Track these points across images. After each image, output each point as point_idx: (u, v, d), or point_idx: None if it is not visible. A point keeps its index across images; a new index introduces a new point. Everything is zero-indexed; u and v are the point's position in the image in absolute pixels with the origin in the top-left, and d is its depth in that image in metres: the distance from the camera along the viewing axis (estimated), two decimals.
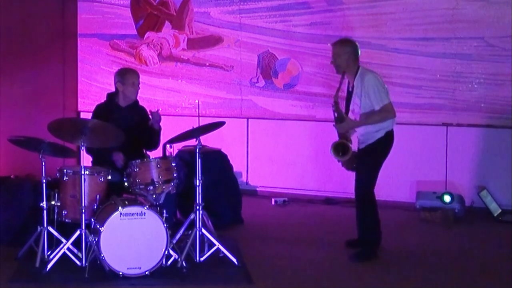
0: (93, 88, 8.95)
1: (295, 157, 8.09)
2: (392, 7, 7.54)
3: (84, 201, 5.12)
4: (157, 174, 5.33)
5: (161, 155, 5.74)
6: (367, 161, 5.61)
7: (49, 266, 5.03)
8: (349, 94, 5.66)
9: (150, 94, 8.40)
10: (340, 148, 5.64)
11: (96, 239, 4.94)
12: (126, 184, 5.38)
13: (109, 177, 5.35)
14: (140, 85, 5.98)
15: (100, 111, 5.88)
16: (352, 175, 5.97)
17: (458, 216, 6.92)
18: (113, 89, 6.00)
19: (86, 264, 5.01)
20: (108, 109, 5.87)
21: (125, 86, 5.87)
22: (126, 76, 5.89)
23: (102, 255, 4.91)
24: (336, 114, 5.67)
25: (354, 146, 5.75)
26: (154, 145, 5.94)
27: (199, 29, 8.50)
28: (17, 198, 5.87)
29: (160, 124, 5.86)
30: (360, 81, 5.54)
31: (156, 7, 8.71)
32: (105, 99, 6.04)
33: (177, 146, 6.37)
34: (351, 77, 5.62)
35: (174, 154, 5.67)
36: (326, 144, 7.82)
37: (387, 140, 5.59)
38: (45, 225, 5.22)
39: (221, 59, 8.39)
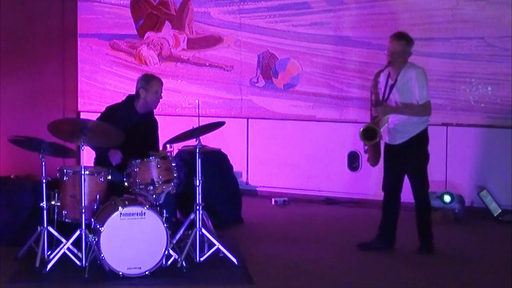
0: (93, 88, 8.95)
1: (295, 157, 8.09)
2: (392, 7, 7.54)
3: (84, 201, 5.12)
4: (157, 174, 5.33)
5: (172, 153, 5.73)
6: (416, 155, 5.64)
7: (49, 266, 5.03)
8: (391, 86, 5.63)
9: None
10: (370, 132, 5.60)
11: (96, 239, 4.94)
12: (126, 184, 5.38)
13: (109, 177, 5.35)
14: (162, 95, 5.88)
15: (112, 113, 5.76)
16: (352, 175, 5.98)
17: (458, 216, 6.92)
18: (114, 89, 5.98)
19: (86, 264, 5.01)
20: (123, 112, 5.77)
21: (147, 94, 5.76)
22: (150, 83, 5.78)
23: (102, 255, 4.91)
24: (372, 97, 5.65)
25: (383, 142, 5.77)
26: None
27: (199, 29, 8.50)
28: (17, 198, 5.87)
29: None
30: (407, 75, 5.55)
31: (156, 7, 8.71)
32: (123, 100, 5.94)
33: (177, 146, 6.37)
34: (397, 70, 5.61)
35: (174, 154, 5.67)
36: (326, 144, 7.89)
37: (422, 137, 5.64)
38: (45, 225, 5.21)
39: (221, 59, 8.39)
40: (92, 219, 5.14)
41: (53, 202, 5.23)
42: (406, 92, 5.57)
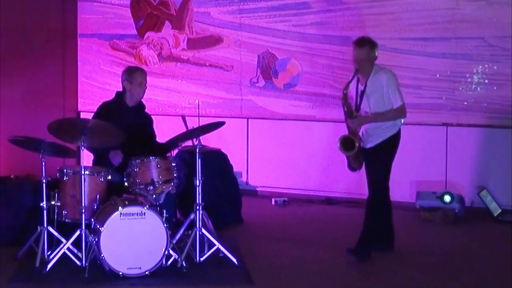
0: (93, 88, 8.95)
1: (295, 157, 8.09)
2: (392, 7, 7.54)
3: (84, 201, 5.11)
4: (157, 174, 5.33)
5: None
6: (381, 159, 5.58)
7: (49, 266, 5.03)
8: (361, 93, 5.61)
9: (150, 94, 8.28)
10: (348, 143, 5.57)
11: (96, 239, 4.94)
12: (126, 184, 5.38)
13: (109, 177, 5.35)
14: (147, 85, 5.94)
15: (106, 109, 5.80)
16: (352, 175, 5.98)
17: (458, 216, 6.92)
18: (113, 89, 5.99)
19: (86, 264, 5.01)
20: (115, 107, 5.81)
21: (132, 85, 5.81)
22: (133, 75, 5.83)
23: (102, 255, 4.91)
24: (345, 108, 5.61)
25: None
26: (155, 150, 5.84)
27: (199, 29, 8.50)
28: (17, 198, 5.87)
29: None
30: (375, 80, 5.52)
31: (156, 7, 8.71)
32: (112, 97, 5.97)
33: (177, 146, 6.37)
34: (365, 76, 5.57)
35: (174, 154, 5.67)
36: (326, 144, 7.89)
37: (398, 137, 5.61)
38: (45, 225, 5.22)
39: (221, 59, 8.39)
40: (92, 219, 5.14)
41: (53, 202, 5.23)
42: (377, 97, 5.52)
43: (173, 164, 5.45)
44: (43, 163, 5.22)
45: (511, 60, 7.05)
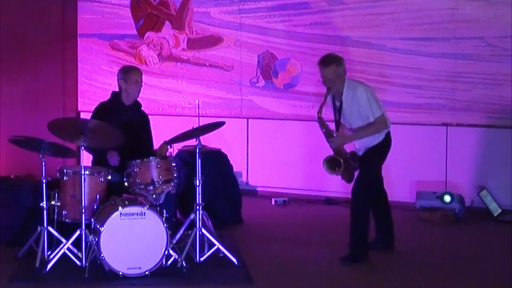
0: (93, 88, 8.95)
1: (296, 157, 8.09)
2: (392, 7, 7.54)
3: (84, 201, 5.11)
4: (157, 174, 5.33)
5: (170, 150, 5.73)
6: (367, 160, 5.57)
7: (49, 266, 5.03)
8: (338, 110, 5.54)
9: (150, 94, 8.39)
10: (333, 163, 5.53)
11: (96, 239, 4.94)
12: (126, 184, 5.38)
13: (109, 177, 5.35)
14: (143, 83, 5.95)
15: (102, 109, 5.83)
16: None
17: (458, 216, 6.92)
18: (113, 89, 5.99)
19: (86, 264, 5.01)
20: (111, 107, 5.82)
21: (128, 84, 5.83)
22: (129, 73, 5.84)
23: (102, 255, 4.91)
24: (323, 130, 5.57)
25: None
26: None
27: (199, 29, 8.50)
28: (17, 198, 5.87)
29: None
30: (349, 96, 5.45)
31: (156, 7, 8.71)
32: (108, 97, 5.99)
33: (177, 146, 6.37)
34: (338, 92, 5.50)
35: (174, 154, 5.66)
36: (326, 144, 7.85)
37: (385, 142, 5.58)
38: (45, 225, 5.22)
39: (221, 59, 8.39)
40: (92, 219, 5.14)
41: (53, 202, 5.23)
42: (354, 112, 5.47)
43: (173, 164, 5.45)
44: (43, 163, 5.22)
45: (511, 60, 7.05)
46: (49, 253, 5.19)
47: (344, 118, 5.58)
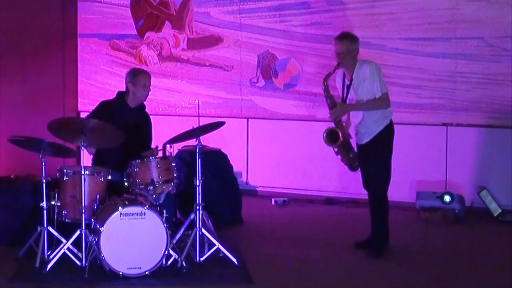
0: (93, 88, 8.95)
1: (295, 157, 8.09)
2: (392, 7, 7.54)
3: (84, 201, 5.11)
4: (157, 174, 5.33)
5: (161, 155, 5.73)
6: (373, 158, 5.61)
7: (49, 266, 5.03)
8: (347, 87, 5.65)
9: (150, 94, 8.33)
10: (333, 135, 5.66)
11: (96, 239, 4.94)
12: (126, 184, 5.38)
13: (109, 177, 5.35)
14: (151, 87, 5.92)
15: (105, 108, 5.80)
16: (352, 175, 5.98)
17: (458, 216, 6.92)
18: (113, 89, 5.99)
19: (86, 264, 5.01)
20: (115, 107, 5.80)
21: (136, 88, 5.80)
22: (138, 77, 5.81)
23: (102, 255, 4.91)
24: (328, 101, 5.69)
25: (353, 143, 5.77)
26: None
27: (199, 29, 8.50)
28: (17, 198, 5.87)
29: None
30: (359, 74, 5.57)
31: (156, 7, 8.71)
32: (114, 97, 5.96)
33: (177, 146, 6.37)
34: (349, 69, 5.62)
35: (174, 154, 5.66)
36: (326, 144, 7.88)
37: (387, 133, 5.62)
38: (45, 225, 5.21)
39: (221, 59, 8.39)
40: (92, 219, 5.14)
41: (53, 202, 5.23)
42: (363, 90, 5.57)
43: (173, 164, 5.45)
44: (43, 163, 5.22)
45: (511, 60, 7.05)
46: (49, 253, 5.19)
47: (351, 96, 5.65)
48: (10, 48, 7.83)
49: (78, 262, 5.09)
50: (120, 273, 4.93)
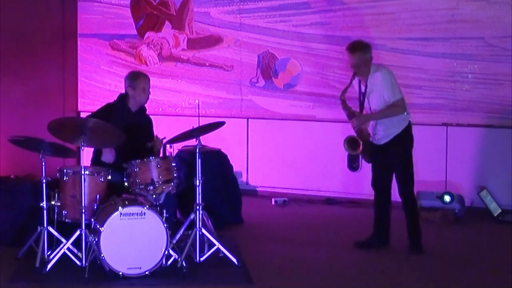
0: (93, 88, 8.95)
1: (295, 157, 8.09)
2: (392, 7, 7.55)
3: (84, 201, 5.11)
4: (157, 174, 5.32)
5: (161, 155, 5.73)
6: (400, 158, 5.68)
7: (49, 266, 5.03)
8: (363, 94, 5.70)
9: (150, 94, 8.36)
10: (353, 143, 5.72)
11: (96, 239, 4.94)
12: (126, 184, 5.38)
13: (109, 177, 5.35)
14: (150, 90, 5.91)
15: (108, 111, 5.78)
16: (352, 175, 5.99)
17: (458, 216, 6.92)
18: (113, 89, 5.99)
19: (86, 264, 5.00)
20: (117, 111, 5.79)
21: (135, 91, 5.79)
22: (136, 81, 5.80)
23: (102, 255, 4.91)
24: (346, 112, 5.74)
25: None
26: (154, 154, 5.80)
27: (199, 29, 8.50)
28: (17, 198, 5.87)
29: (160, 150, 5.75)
30: (372, 80, 5.62)
31: (156, 7, 8.71)
32: (114, 99, 5.94)
33: (177, 146, 6.37)
34: (365, 77, 5.67)
35: (174, 154, 5.66)
36: (326, 144, 7.89)
37: (405, 135, 5.67)
38: (45, 225, 5.21)
39: (221, 59, 8.39)
40: (92, 219, 5.14)
41: (53, 202, 5.23)
42: (376, 96, 5.63)
43: (173, 164, 5.45)
44: (43, 163, 5.22)
45: (511, 60, 7.05)
46: (49, 253, 5.19)
47: (367, 102, 5.71)
48: (10, 48, 7.83)
49: (78, 262, 5.09)
50: (120, 273, 4.93)
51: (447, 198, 6.96)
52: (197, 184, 5.34)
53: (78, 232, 5.10)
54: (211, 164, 6.69)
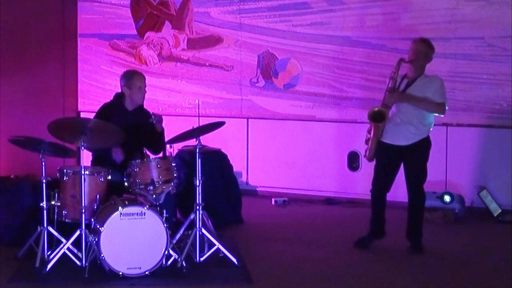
0: (93, 88, 8.95)
1: (295, 157, 8.09)
2: (392, 7, 7.54)
3: (84, 201, 5.11)
4: (157, 174, 5.32)
5: (161, 155, 5.73)
6: (420, 163, 5.76)
7: (49, 266, 5.03)
8: (406, 84, 5.70)
9: (150, 94, 8.25)
10: (378, 116, 5.69)
11: (96, 239, 4.94)
12: (126, 184, 5.38)
13: (109, 177, 5.35)
14: (146, 88, 5.92)
15: (105, 111, 5.80)
16: (352, 175, 5.99)
17: (458, 216, 6.92)
18: (113, 89, 5.99)
19: (86, 264, 5.01)
20: (114, 111, 5.79)
21: (131, 91, 5.79)
22: (132, 80, 5.80)
23: (102, 255, 4.91)
24: (391, 82, 5.68)
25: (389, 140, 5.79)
26: (158, 149, 5.74)
27: (199, 29, 8.50)
28: (17, 198, 5.87)
29: (163, 125, 5.76)
30: (426, 83, 5.65)
31: (156, 7, 8.71)
32: (111, 99, 5.97)
33: (177, 146, 6.37)
34: (415, 72, 5.69)
35: (174, 154, 5.66)
36: (326, 144, 7.89)
37: (429, 141, 5.74)
38: (45, 225, 5.21)
39: (221, 59, 8.39)
40: (92, 219, 5.14)
41: (53, 202, 5.23)
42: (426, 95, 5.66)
43: (173, 164, 5.45)
44: (43, 163, 5.22)
45: (511, 60, 7.05)
46: (49, 253, 5.19)
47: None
48: (10, 48, 7.83)
49: (78, 262, 5.09)
50: (120, 273, 4.93)
51: (447, 198, 6.96)
52: (197, 184, 5.34)
53: (78, 232, 5.09)
54: (211, 164, 6.70)
